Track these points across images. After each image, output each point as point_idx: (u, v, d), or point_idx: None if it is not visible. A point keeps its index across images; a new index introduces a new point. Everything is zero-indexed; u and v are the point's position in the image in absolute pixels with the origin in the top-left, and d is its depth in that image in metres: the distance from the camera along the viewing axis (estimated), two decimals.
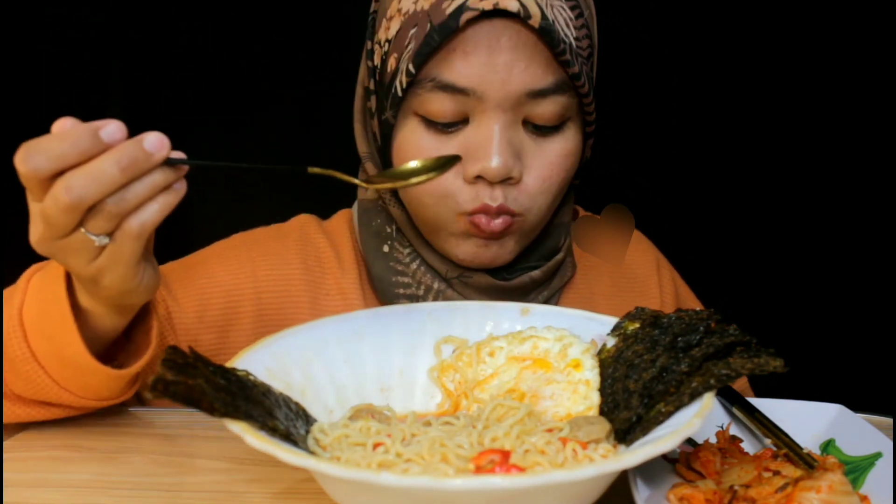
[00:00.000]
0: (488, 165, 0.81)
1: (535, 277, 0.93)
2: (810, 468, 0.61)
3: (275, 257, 0.96)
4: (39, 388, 0.71)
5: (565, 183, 0.88)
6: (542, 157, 0.85)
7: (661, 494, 0.59)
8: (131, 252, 0.61)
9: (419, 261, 0.93)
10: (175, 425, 0.77)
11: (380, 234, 0.94)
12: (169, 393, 0.49)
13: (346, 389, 0.67)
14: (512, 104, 0.81)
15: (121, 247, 0.60)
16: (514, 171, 0.82)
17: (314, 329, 0.68)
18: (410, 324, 0.72)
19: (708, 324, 0.62)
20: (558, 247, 0.96)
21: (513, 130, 0.83)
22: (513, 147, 0.82)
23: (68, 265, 0.62)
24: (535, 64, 0.80)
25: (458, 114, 0.82)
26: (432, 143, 0.84)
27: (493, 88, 0.80)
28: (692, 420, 0.52)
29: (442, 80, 0.81)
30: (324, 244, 0.98)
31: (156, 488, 0.65)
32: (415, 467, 0.53)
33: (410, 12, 0.82)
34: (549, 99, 0.82)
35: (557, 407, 0.64)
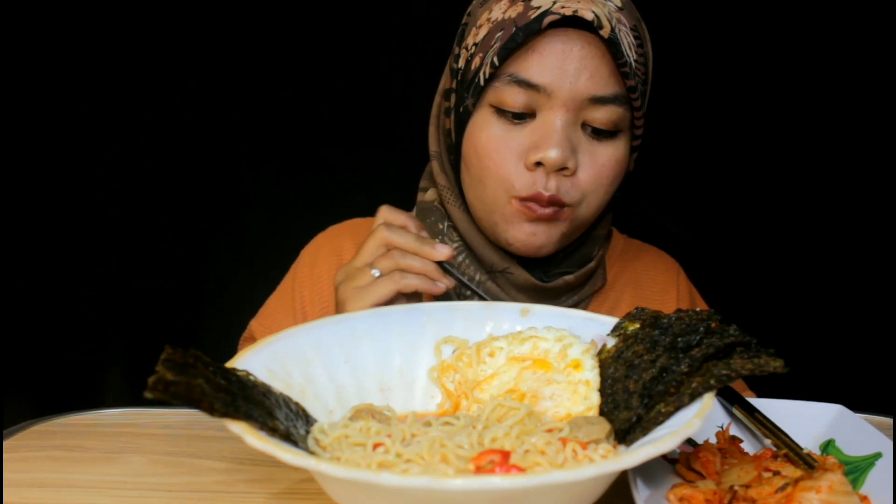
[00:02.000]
0: (548, 154, 0.91)
1: (569, 281, 1.03)
2: (810, 468, 0.61)
3: (335, 258, 1.11)
4: None
5: (612, 187, 0.98)
6: (595, 159, 0.94)
7: (661, 494, 0.59)
8: (381, 293, 0.84)
9: (465, 253, 1.03)
10: (175, 425, 0.77)
11: (433, 231, 1.06)
12: (169, 393, 0.49)
13: (346, 389, 0.67)
14: (576, 105, 0.91)
15: (380, 285, 0.85)
16: (569, 161, 0.91)
17: (314, 329, 0.68)
18: (410, 324, 0.72)
19: (708, 324, 0.62)
20: (591, 256, 1.06)
21: (573, 129, 0.93)
22: (571, 142, 0.92)
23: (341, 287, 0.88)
24: (600, 73, 0.91)
25: (527, 107, 0.93)
26: (501, 131, 0.94)
27: (561, 88, 0.91)
28: (692, 420, 0.52)
29: (518, 76, 0.92)
30: None
31: (156, 488, 0.65)
32: (415, 467, 0.53)
33: (499, 20, 0.94)
34: (607, 107, 0.92)
35: (557, 407, 0.64)
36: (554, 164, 0.91)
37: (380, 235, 0.86)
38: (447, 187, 1.05)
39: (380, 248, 0.86)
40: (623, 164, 0.97)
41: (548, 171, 0.92)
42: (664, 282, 1.16)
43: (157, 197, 1.87)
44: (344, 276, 0.87)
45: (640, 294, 1.13)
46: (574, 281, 1.03)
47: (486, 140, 0.95)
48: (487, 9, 0.97)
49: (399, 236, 0.86)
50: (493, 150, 0.95)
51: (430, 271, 0.86)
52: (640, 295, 1.13)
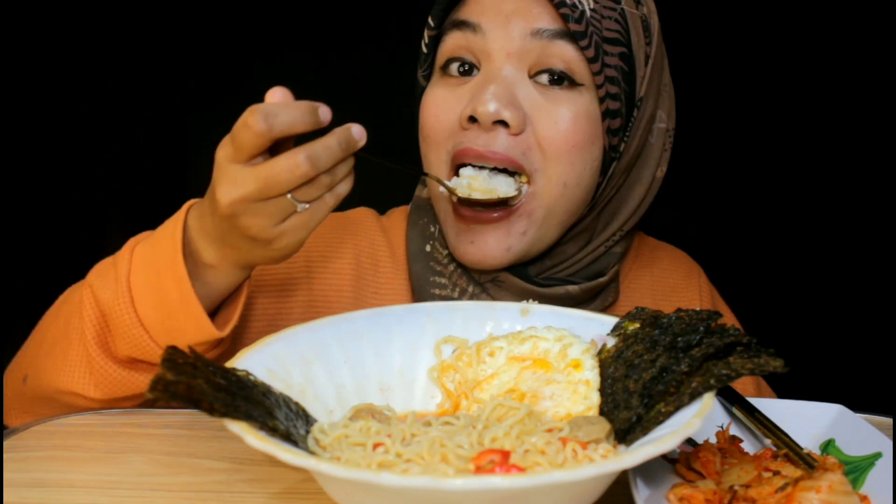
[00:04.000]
0: (481, 104, 0.80)
1: (571, 293, 0.91)
2: (810, 468, 0.61)
3: (328, 249, 0.97)
4: (143, 351, 0.76)
5: (580, 157, 0.85)
6: (551, 113, 0.83)
7: (661, 494, 0.59)
8: (318, 220, 0.70)
9: (457, 263, 0.93)
10: (175, 425, 0.77)
11: (424, 234, 0.96)
12: (169, 393, 0.49)
13: (346, 389, 0.67)
14: (516, 48, 0.83)
15: (313, 214, 0.69)
16: (506, 113, 0.80)
17: (314, 329, 0.68)
18: (410, 324, 0.72)
19: (708, 324, 0.62)
20: (604, 271, 0.95)
21: (518, 80, 0.83)
22: (511, 93, 0.82)
23: (251, 225, 0.68)
24: (539, 11, 0.83)
25: (470, 54, 0.85)
26: (444, 92, 0.87)
27: (496, 27, 0.83)
28: (692, 420, 0.52)
29: (456, 19, 0.86)
30: (381, 241, 0.99)
31: (156, 488, 0.65)
32: (415, 467, 0.53)
33: None
34: (555, 44, 0.82)
35: (557, 407, 0.64)
36: (487, 117, 0.80)
37: (301, 170, 0.65)
38: None
39: (299, 179, 0.66)
40: (586, 125, 0.84)
41: (484, 126, 0.81)
42: (685, 289, 1.05)
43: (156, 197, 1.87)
44: (250, 212, 0.67)
45: (659, 305, 0.96)
46: (579, 294, 0.92)
47: (427, 104, 0.87)
48: None
49: (325, 155, 0.66)
50: (431, 113, 0.86)
51: (351, 164, 0.70)
52: (659, 306, 0.93)
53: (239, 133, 0.65)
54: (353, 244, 0.98)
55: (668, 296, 1.04)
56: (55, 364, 0.80)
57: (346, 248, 0.97)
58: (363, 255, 0.97)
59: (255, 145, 0.65)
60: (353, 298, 0.95)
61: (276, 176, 0.65)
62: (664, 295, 1.03)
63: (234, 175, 0.67)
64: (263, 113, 0.63)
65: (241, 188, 0.66)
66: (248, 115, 0.64)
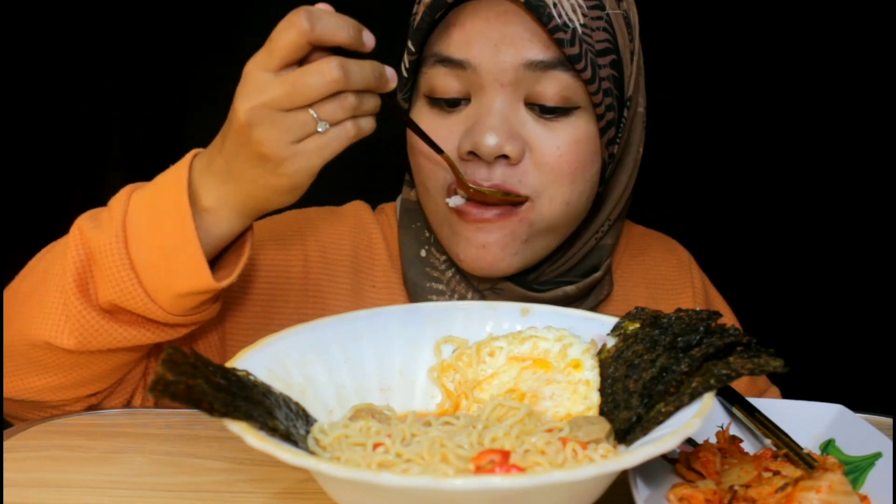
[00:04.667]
0: (481, 139, 0.79)
1: (569, 293, 0.90)
2: (810, 468, 0.61)
3: (326, 240, 0.95)
4: (128, 297, 0.71)
5: (580, 177, 0.84)
6: (548, 142, 0.81)
7: (661, 494, 0.59)
8: (335, 149, 0.66)
9: (455, 269, 0.91)
10: (175, 425, 0.77)
11: (418, 238, 0.93)
12: (169, 393, 0.49)
13: (346, 389, 0.67)
14: (510, 78, 0.80)
15: (332, 140, 0.65)
16: (507, 147, 0.79)
17: (314, 329, 0.68)
18: (410, 324, 0.72)
19: (708, 324, 0.62)
20: (598, 266, 0.94)
21: (513, 110, 0.81)
22: (510, 125, 0.80)
23: (266, 138, 0.64)
24: (533, 39, 0.80)
25: (460, 91, 0.83)
26: (436, 121, 0.84)
27: (489, 61, 0.80)
28: (692, 420, 0.52)
29: (441, 54, 0.82)
30: (377, 235, 0.97)
31: (156, 488, 0.65)
32: (415, 467, 0.53)
33: (426, 1, 0.84)
34: (549, 75, 0.80)
35: (557, 407, 0.64)
36: (489, 152, 0.79)
37: (333, 76, 0.63)
38: None
39: (329, 86, 0.63)
40: (587, 147, 0.83)
41: (486, 160, 0.80)
42: (677, 278, 1.04)
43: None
44: (268, 121, 0.64)
45: (652, 294, 1.02)
46: (575, 293, 0.91)
47: None
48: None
49: (359, 75, 0.65)
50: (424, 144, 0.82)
51: (378, 106, 0.69)
52: (652, 296, 1.01)
53: (278, 34, 0.63)
54: (351, 237, 0.96)
55: (661, 284, 1.03)
56: (30, 311, 0.75)
57: (344, 240, 0.95)
58: (361, 247, 0.96)
59: (294, 46, 0.63)
60: (352, 292, 0.93)
61: (305, 79, 0.63)
62: (657, 283, 1.03)
63: (260, 81, 0.64)
64: (308, 12, 0.62)
65: (265, 93, 0.64)
66: (292, 14, 0.62)
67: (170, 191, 0.70)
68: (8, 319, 0.77)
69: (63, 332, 0.73)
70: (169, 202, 0.70)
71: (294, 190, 0.69)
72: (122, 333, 0.74)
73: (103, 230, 0.72)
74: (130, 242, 0.71)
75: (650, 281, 1.03)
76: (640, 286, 1.02)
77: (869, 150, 1.86)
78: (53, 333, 0.73)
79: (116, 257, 0.71)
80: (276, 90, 0.63)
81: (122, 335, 0.74)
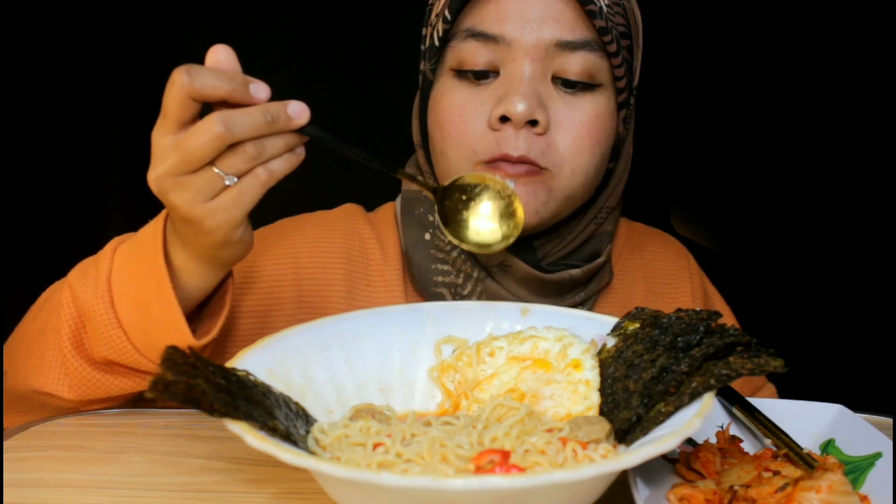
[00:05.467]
0: (512, 105, 0.82)
1: (574, 276, 0.93)
2: (810, 468, 0.61)
3: (318, 245, 0.97)
4: (119, 353, 0.74)
5: (599, 148, 0.88)
6: (572, 115, 0.85)
7: (661, 494, 0.59)
8: (251, 197, 0.65)
9: (458, 250, 0.93)
10: (175, 425, 0.77)
11: (422, 223, 0.96)
12: (169, 393, 0.49)
13: (346, 389, 0.67)
14: (541, 54, 0.84)
15: (244, 190, 0.65)
16: (538, 114, 0.83)
17: (314, 329, 0.68)
18: (410, 324, 0.72)
19: (708, 324, 0.62)
20: (600, 252, 0.97)
21: (541, 82, 0.85)
22: (539, 95, 0.84)
23: (179, 203, 0.65)
24: (564, 17, 0.84)
25: (489, 63, 0.85)
26: (465, 95, 0.86)
27: (522, 36, 0.83)
28: (692, 420, 0.52)
29: (475, 28, 0.85)
30: (369, 234, 0.99)
31: (156, 488, 0.65)
32: (415, 467, 0.53)
33: None
34: (577, 54, 0.84)
35: (557, 407, 0.64)
36: (521, 117, 0.82)
37: (214, 131, 0.62)
38: (432, 175, 0.96)
39: (219, 147, 0.63)
40: (607, 121, 0.88)
41: (516, 126, 0.83)
42: (675, 272, 1.07)
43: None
44: (177, 188, 0.64)
45: (651, 288, 1.04)
46: (581, 276, 0.94)
47: (448, 106, 0.87)
48: None
49: (245, 124, 0.63)
50: (455, 115, 0.86)
51: (292, 143, 0.66)
52: (651, 289, 1.04)
53: (165, 95, 0.63)
54: (342, 239, 0.97)
55: (659, 278, 1.06)
56: (32, 363, 0.79)
57: (335, 243, 0.97)
58: (353, 248, 0.97)
59: (179, 104, 0.62)
60: (346, 292, 0.95)
61: (191, 141, 0.62)
62: (655, 277, 1.06)
63: (161, 149, 0.64)
64: (187, 69, 0.62)
65: (164, 161, 0.64)
66: (174, 72, 0.62)
67: (147, 249, 0.72)
68: (14, 365, 0.82)
69: (63, 386, 0.77)
70: (147, 261, 0.72)
71: (229, 244, 0.69)
72: (118, 384, 0.78)
73: (91, 288, 0.74)
74: (115, 300, 0.73)
75: (649, 275, 1.05)
76: (639, 279, 1.04)
77: (870, 150, 1.86)
78: (54, 386, 0.77)
79: (104, 317, 0.73)
80: (172, 157, 0.64)
81: (119, 385, 0.78)
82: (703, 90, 1.87)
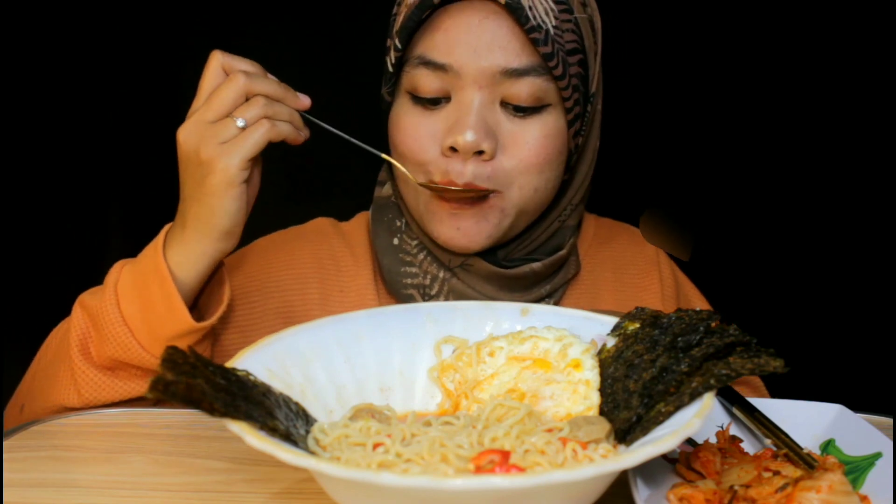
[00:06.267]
0: (460, 137, 0.86)
1: (535, 269, 0.97)
2: (810, 468, 0.61)
3: (291, 257, 1.02)
4: (125, 350, 0.82)
5: (549, 167, 0.91)
6: (520, 139, 0.89)
7: (661, 494, 0.59)
8: (255, 141, 0.78)
9: (426, 251, 0.98)
10: (175, 425, 0.77)
11: (391, 228, 1.00)
12: (169, 393, 0.49)
13: (346, 389, 0.67)
14: (488, 81, 0.87)
15: (252, 133, 0.78)
16: (483, 144, 0.86)
17: (314, 329, 0.68)
18: (410, 324, 0.72)
19: (708, 324, 0.62)
20: (562, 245, 1.00)
21: (489, 108, 0.88)
22: (486, 124, 0.87)
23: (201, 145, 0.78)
24: (510, 44, 0.87)
25: (440, 90, 0.89)
26: (417, 118, 0.91)
27: (469, 65, 0.86)
28: (692, 420, 0.52)
29: (425, 56, 0.89)
30: (338, 244, 1.04)
31: (156, 488, 0.65)
32: (415, 467, 0.53)
33: (410, 2, 0.89)
34: (524, 80, 0.87)
35: (557, 407, 0.64)
36: (467, 148, 0.86)
37: (239, 82, 0.78)
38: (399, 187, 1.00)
39: (240, 95, 0.79)
40: (556, 140, 0.91)
41: (463, 156, 0.87)
42: (644, 263, 1.09)
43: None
44: (197, 134, 0.79)
45: (620, 279, 1.07)
46: (542, 270, 0.97)
47: (404, 128, 0.91)
48: None
49: (263, 83, 0.80)
50: (410, 138, 0.91)
51: (296, 119, 0.82)
52: (620, 280, 1.07)
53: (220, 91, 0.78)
54: (312, 251, 1.03)
55: (627, 268, 1.09)
56: (48, 386, 0.86)
57: (306, 255, 1.03)
58: (323, 257, 1.03)
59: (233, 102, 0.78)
60: (320, 299, 1.00)
61: (219, 94, 0.78)
62: (624, 268, 1.08)
63: (192, 111, 0.80)
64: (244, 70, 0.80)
65: (193, 118, 0.79)
66: (232, 72, 0.79)
67: (149, 257, 0.83)
68: (31, 397, 0.89)
69: (71, 393, 0.84)
70: (150, 266, 0.82)
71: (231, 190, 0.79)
72: (123, 387, 0.85)
73: (98, 297, 0.84)
74: (121, 303, 0.82)
75: (617, 266, 1.08)
76: (608, 270, 1.07)
77: (870, 149, 1.86)
78: (63, 396, 0.84)
79: (111, 317, 0.82)
80: (201, 110, 0.79)
81: (123, 389, 0.85)
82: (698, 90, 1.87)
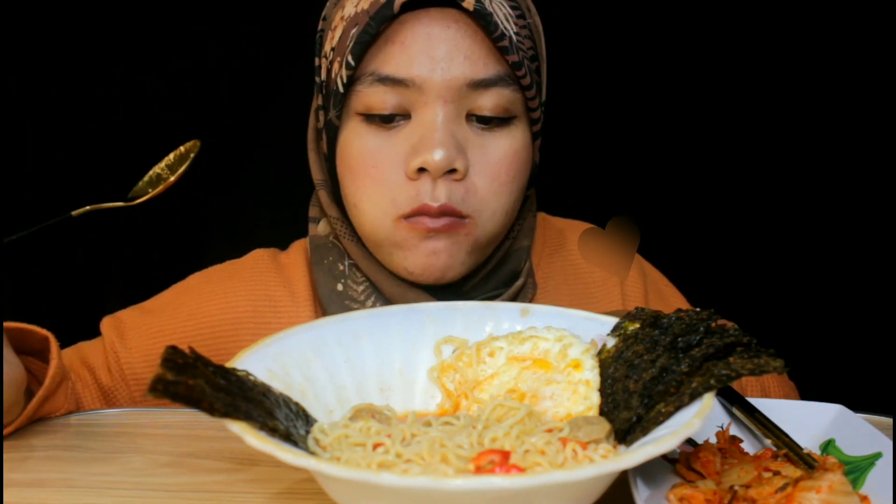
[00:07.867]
0: (430, 156, 0.78)
1: None
2: (810, 468, 0.61)
3: (222, 300, 0.96)
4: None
5: (516, 185, 0.86)
6: (489, 154, 0.83)
7: (661, 494, 0.59)
8: None
9: (375, 295, 0.90)
10: (175, 425, 0.77)
11: (333, 273, 0.92)
12: (169, 393, 0.49)
13: (346, 389, 0.67)
14: (453, 95, 0.80)
15: None
16: (457, 162, 0.80)
17: (314, 329, 0.68)
18: (410, 324, 0.72)
19: (708, 324, 0.62)
20: (518, 271, 0.94)
21: (456, 123, 0.81)
22: (455, 140, 0.80)
23: None
24: (475, 53, 0.80)
25: (398, 107, 0.81)
26: (376, 141, 0.82)
27: (433, 78, 0.79)
28: (692, 420, 0.52)
29: (381, 72, 0.80)
30: (275, 282, 0.97)
31: (156, 488, 0.65)
32: (415, 467, 0.53)
33: (352, 15, 0.82)
34: (491, 91, 0.81)
35: (557, 407, 0.64)
36: (439, 168, 0.79)
37: None
38: (339, 219, 0.91)
39: None
40: (523, 154, 0.85)
41: (434, 177, 0.80)
42: (600, 270, 1.02)
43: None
44: None
45: (579, 290, 1.00)
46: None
47: (358, 154, 0.83)
48: (340, 7, 0.85)
49: None
50: (369, 164, 0.82)
51: None
52: (578, 291, 1.00)
53: None
54: (246, 292, 0.96)
55: (582, 277, 1.02)
56: None
57: (240, 295, 0.96)
58: (258, 298, 0.96)
59: None
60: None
61: None
62: (579, 276, 1.02)
63: None
64: None
65: None
66: None
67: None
68: None
69: None
70: None
71: None
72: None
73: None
74: None
75: (575, 275, 1.02)
76: (563, 286, 1.01)
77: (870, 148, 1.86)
78: None
79: None
80: None
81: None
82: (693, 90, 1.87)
